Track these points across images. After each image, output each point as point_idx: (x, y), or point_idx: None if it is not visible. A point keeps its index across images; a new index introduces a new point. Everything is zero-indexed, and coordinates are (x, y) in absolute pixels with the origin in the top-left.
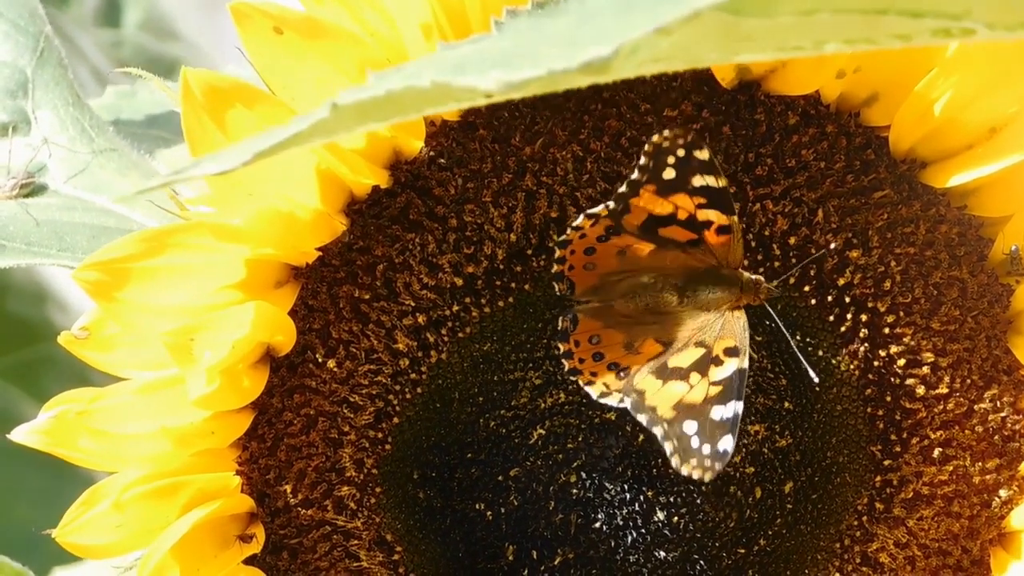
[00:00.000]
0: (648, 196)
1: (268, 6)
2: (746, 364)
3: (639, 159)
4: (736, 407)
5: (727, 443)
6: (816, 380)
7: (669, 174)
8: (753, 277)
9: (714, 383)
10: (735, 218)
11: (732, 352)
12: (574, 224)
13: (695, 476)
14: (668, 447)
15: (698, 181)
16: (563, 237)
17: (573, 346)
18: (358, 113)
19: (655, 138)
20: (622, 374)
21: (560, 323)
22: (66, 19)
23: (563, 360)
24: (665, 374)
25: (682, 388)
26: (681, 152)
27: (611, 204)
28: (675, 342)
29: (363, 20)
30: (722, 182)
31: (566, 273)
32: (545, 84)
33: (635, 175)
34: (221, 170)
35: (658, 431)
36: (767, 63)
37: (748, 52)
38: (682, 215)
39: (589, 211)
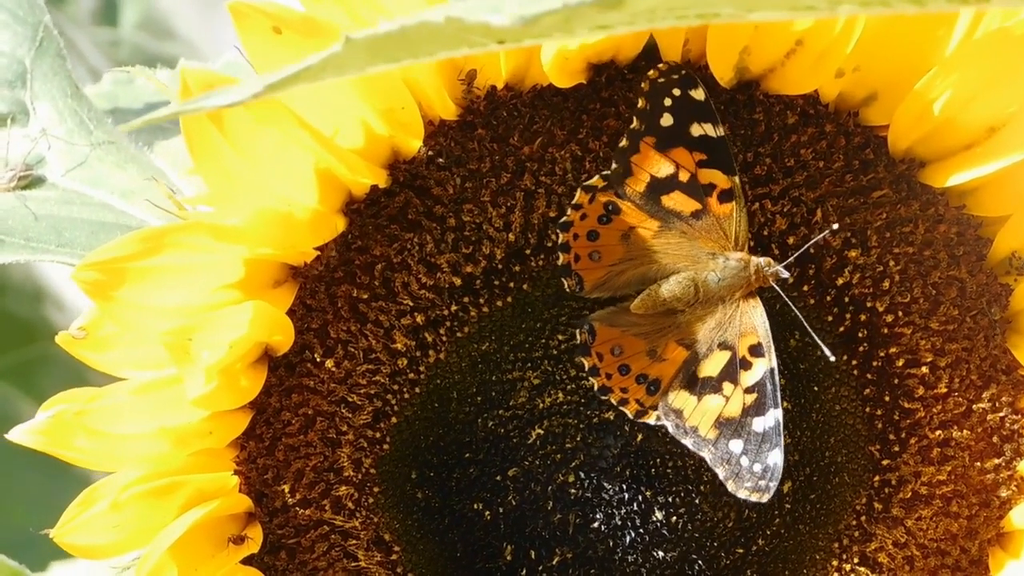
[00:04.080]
0: (648, 151)
1: (267, 5)
2: (774, 362)
3: (638, 103)
4: (776, 415)
5: (776, 457)
6: (832, 359)
7: (667, 120)
8: (761, 259)
9: (747, 390)
10: (736, 178)
11: (757, 351)
12: (573, 202)
13: (752, 499)
14: (721, 472)
15: (696, 130)
16: (564, 218)
17: (597, 360)
18: (370, 50)
19: (650, 72)
20: (652, 388)
21: (578, 336)
22: (63, 18)
23: (591, 378)
24: (697, 388)
25: (718, 402)
26: (677, 91)
27: (607, 173)
28: (697, 343)
29: (362, 19)
30: (720, 130)
31: (573, 266)
32: (559, 21)
33: (634, 123)
34: (232, 101)
35: (707, 455)
36: (767, 62)
37: (762, 9)
38: (683, 176)
39: (585, 184)
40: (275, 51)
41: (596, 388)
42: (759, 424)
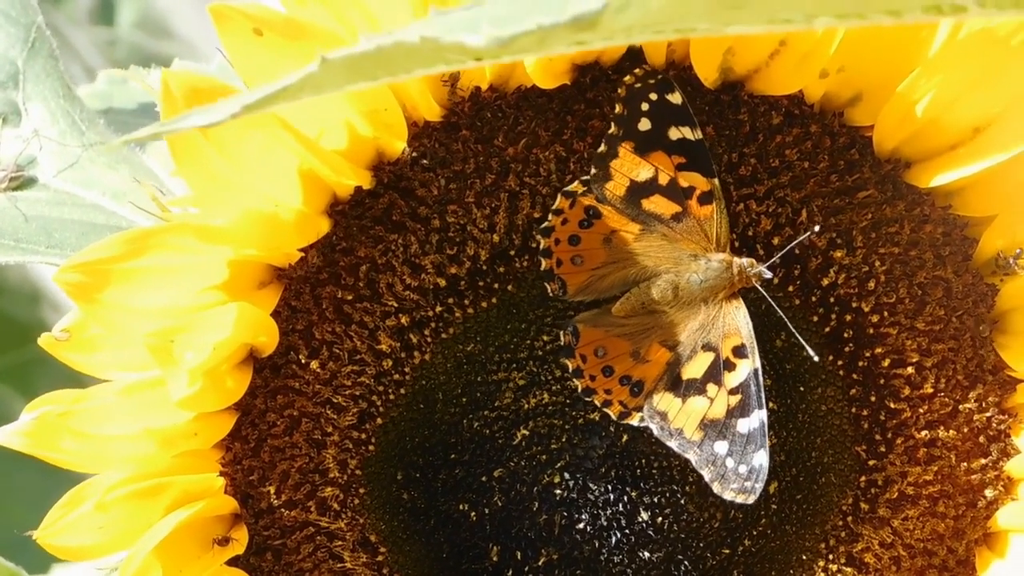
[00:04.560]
0: (627, 155)
1: (248, 7)
2: (758, 363)
3: (615, 109)
4: (760, 416)
5: (761, 458)
6: (816, 359)
7: (644, 125)
8: (744, 260)
9: (732, 391)
10: (716, 180)
11: (741, 352)
12: (553, 207)
13: (739, 500)
14: (707, 474)
15: (675, 134)
16: (545, 224)
17: (580, 362)
18: (347, 69)
19: (626, 78)
20: (636, 389)
21: (562, 338)
22: (61, 17)
23: (575, 380)
24: (682, 389)
25: (702, 403)
26: (654, 96)
27: (586, 178)
28: (681, 345)
29: (345, 20)
30: (698, 134)
31: (555, 270)
32: (535, 41)
33: (612, 128)
34: (210, 122)
35: (692, 457)
36: (751, 62)
37: (739, 23)
38: (663, 179)
39: (565, 189)
40: (257, 53)
41: (580, 390)
42: (744, 425)
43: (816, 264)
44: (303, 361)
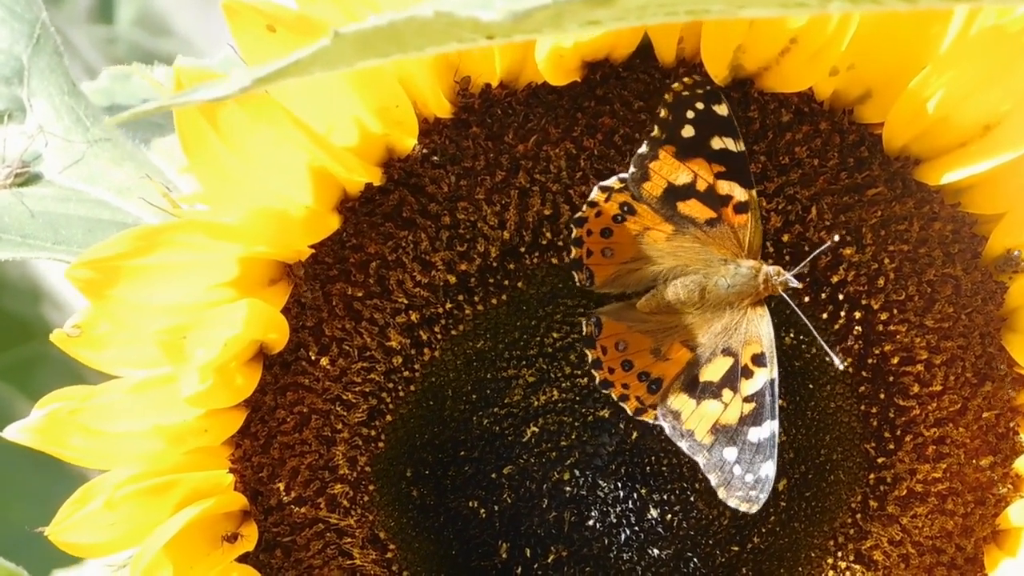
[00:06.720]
0: (667, 159)
1: (261, 3)
2: (775, 373)
3: (659, 112)
4: (772, 427)
5: (768, 469)
6: (841, 366)
7: (688, 131)
8: (771, 268)
9: (747, 399)
10: (753, 192)
11: (760, 360)
12: (589, 199)
13: (742, 508)
14: (713, 479)
15: (717, 144)
16: (579, 214)
17: (601, 353)
18: (359, 44)
19: (675, 85)
20: (654, 386)
21: (584, 327)
22: (60, 15)
23: (593, 371)
24: (697, 391)
25: (716, 407)
26: (700, 105)
27: (624, 175)
28: (702, 346)
29: (357, 17)
30: (740, 146)
31: (585, 260)
32: (549, 17)
33: (655, 131)
34: (221, 95)
35: (700, 460)
36: (761, 59)
37: (753, 6)
38: (701, 185)
39: (603, 183)
40: (269, 49)
41: (598, 381)
42: (755, 434)
43: (826, 261)
44: (313, 358)
